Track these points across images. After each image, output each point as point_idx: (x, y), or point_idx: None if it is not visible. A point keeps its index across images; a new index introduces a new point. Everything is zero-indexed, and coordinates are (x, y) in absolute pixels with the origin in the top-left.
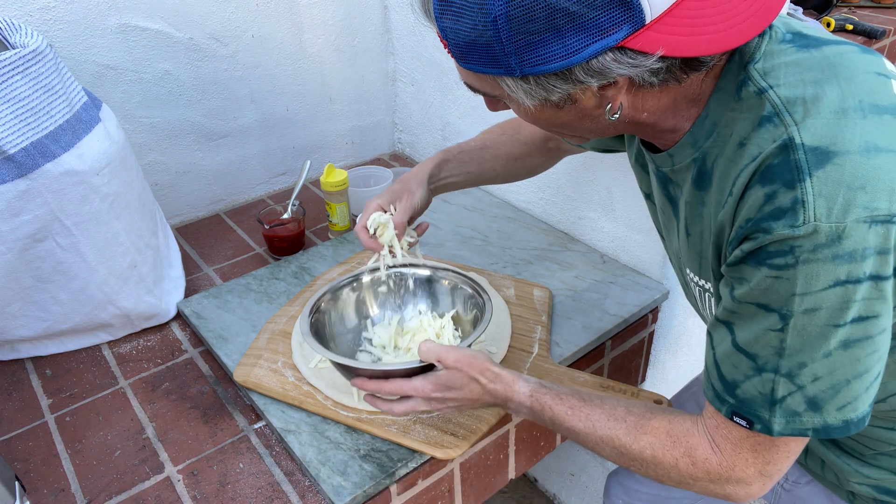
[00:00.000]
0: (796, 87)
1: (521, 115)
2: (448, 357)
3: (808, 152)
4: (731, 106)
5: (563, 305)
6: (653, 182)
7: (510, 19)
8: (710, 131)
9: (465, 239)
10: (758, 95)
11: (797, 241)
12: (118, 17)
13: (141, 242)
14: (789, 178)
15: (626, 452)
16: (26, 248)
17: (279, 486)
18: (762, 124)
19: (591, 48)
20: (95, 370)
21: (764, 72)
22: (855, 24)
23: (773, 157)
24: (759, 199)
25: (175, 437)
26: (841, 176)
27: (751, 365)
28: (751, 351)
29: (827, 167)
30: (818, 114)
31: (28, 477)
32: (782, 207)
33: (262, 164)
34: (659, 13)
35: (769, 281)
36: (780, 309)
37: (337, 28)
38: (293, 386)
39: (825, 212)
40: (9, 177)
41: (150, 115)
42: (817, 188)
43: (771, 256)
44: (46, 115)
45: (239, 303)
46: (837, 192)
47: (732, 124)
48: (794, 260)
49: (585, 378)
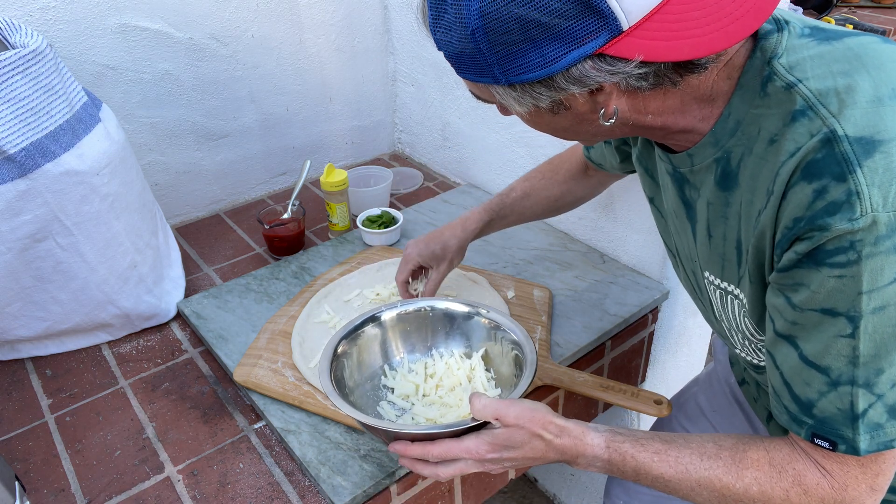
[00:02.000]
0: (826, 79)
1: (524, 121)
2: (508, 414)
3: (853, 143)
4: (756, 103)
5: (563, 305)
6: (665, 184)
7: (487, 32)
8: (733, 130)
9: None
10: (786, 90)
11: (857, 235)
12: (118, 17)
13: (141, 242)
14: (839, 171)
15: (730, 493)
16: (26, 248)
17: (279, 486)
18: (796, 119)
19: (568, 57)
20: (95, 370)
21: (790, 66)
22: (855, 24)
23: (816, 152)
24: (808, 195)
25: (175, 437)
26: (891, 163)
27: (824, 380)
28: (822, 364)
29: (875, 156)
30: (855, 104)
31: (28, 477)
32: (836, 202)
33: (262, 164)
34: (637, 20)
35: (832, 282)
36: (847, 312)
37: (337, 28)
38: (293, 386)
39: (881, 201)
40: (9, 177)
41: (150, 115)
42: (870, 178)
43: (831, 255)
44: (46, 115)
45: (239, 303)
46: (890, 180)
47: (759, 121)
48: (856, 256)
49: (585, 378)
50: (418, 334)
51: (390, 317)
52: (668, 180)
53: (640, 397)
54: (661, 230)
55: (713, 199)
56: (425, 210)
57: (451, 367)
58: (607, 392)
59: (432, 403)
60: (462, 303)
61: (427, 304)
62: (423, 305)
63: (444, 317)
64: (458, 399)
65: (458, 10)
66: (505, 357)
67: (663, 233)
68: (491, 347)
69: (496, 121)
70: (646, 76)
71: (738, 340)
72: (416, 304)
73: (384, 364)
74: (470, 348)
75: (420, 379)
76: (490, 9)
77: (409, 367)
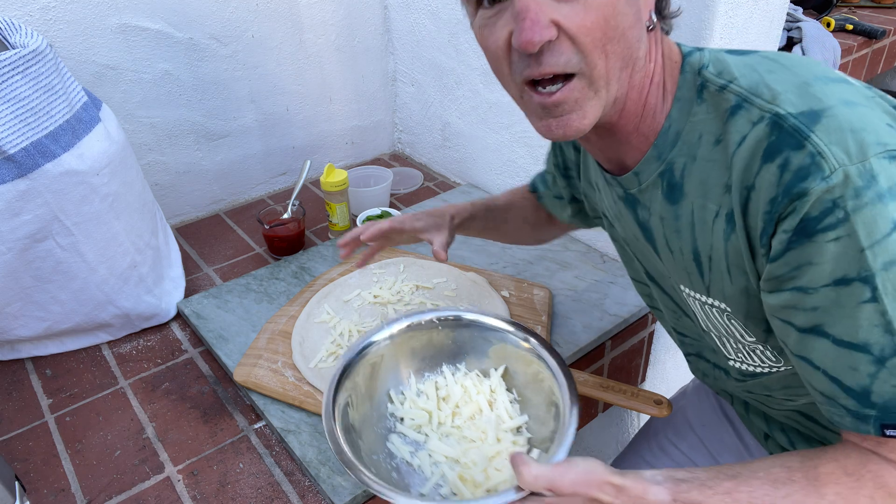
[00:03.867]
0: (752, 76)
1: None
2: (563, 483)
3: (797, 117)
4: (694, 111)
5: (563, 305)
6: (620, 212)
7: None
8: (674, 141)
9: (465, 239)
10: (720, 91)
11: (835, 192)
12: (118, 17)
13: (141, 242)
14: (795, 142)
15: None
16: (26, 248)
17: (279, 486)
18: (733, 114)
19: None
20: (95, 370)
21: (718, 72)
22: (855, 24)
23: (768, 137)
24: (774, 173)
25: (175, 437)
26: (839, 124)
27: (869, 359)
28: (859, 341)
29: (822, 121)
30: (786, 91)
31: (28, 477)
32: (803, 166)
33: (262, 164)
34: None
35: (831, 247)
36: (858, 274)
37: (337, 28)
38: (293, 386)
39: (845, 156)
40: (9, 177)
41: (150, 115)
42: (825, 139)
43: (819, 220)
44: (46, 115)
45: (239, 303)
46: (844, 136)
47: (698, 128)
48: (843, 213)
49: (585, 378)
50: (425, 350)
51: (390, 334)
52: (621, 207)
53: (640, 397)
54: (625, 262)
55: (664, 213)
56: None
57: (469, 389)
58: (607, 392)
59: (449, 435)
60: (473, 311)
61: (434, 314)
62: (429, 317)
63: (453, 327)
64: (481, 432)
65: None
66: (527, 372)
67: (628, 263)
68: (511, 363)
69: (496, 121)
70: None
71: (731, 347)
72: (420, 315)
73: (389, 389)
74: (485, 363)
75: (432, 404)
76: None
77: (418, 388)
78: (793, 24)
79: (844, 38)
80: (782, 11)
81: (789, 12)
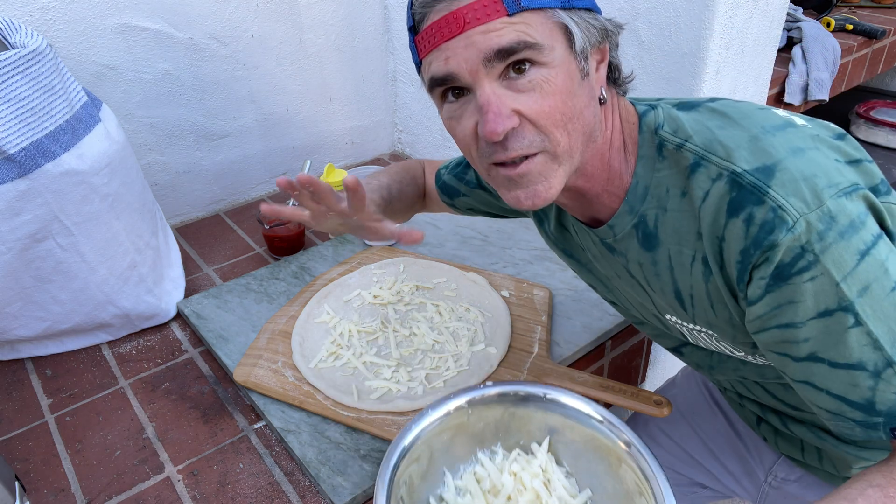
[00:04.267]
0: (705, 134)
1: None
2: None
3: (753, 174)
4: (658, 167)
5: (563, 305)
6: (596, 253)
7: None
8: (643, 195)
9: (465, 239)
10: (678, 150)
11: (801, 240)
12: (118, 17)
13: (141, 242)
14: (755, 198)
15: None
16: (26, 248)
17: (279, 486)
18: (693, 171)
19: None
20: (95, 370)
21: (673, 131)
22: (855, 24)
23: (729, 193)
24: (740, 227)
25: (175, 437)
26: (792, 175)
27: (866, 374)
28: (854, 361)
29: (776, 175)
30: (739, 147)
31: (28, 477)
32: (767, 220)
33: (262, 164)
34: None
35: (808, 286)
36: (839, 305)
37: (337, 28)
38: (293, 386)
39: (803, 204)
40: (9, 177)
41: (150, 115)
42: (782, 192)
43: (791, 266)
44: (46, 115)
45: (239, 303)
46: (799, 186)
47: (664, 182)
48: (812, 256)
49: (585, 378)
50: (455, 440)
51: (426, 432)
52: (600, 249)
53: (640, 397)
54: (600, 292)
55: (642, 260)
56: None
57: (521, 477)
58: (607, 392)
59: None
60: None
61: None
62: (456, 404)
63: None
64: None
65: None
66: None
67: (605, 293)
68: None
69: None
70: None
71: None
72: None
73: (428, 495)
74: (522, 438)
75: (480, 502)
76: None
77: (456, 485)
78: (793, 24)
79: (844, 38)
80: (782, 11)
81: (789, 12)
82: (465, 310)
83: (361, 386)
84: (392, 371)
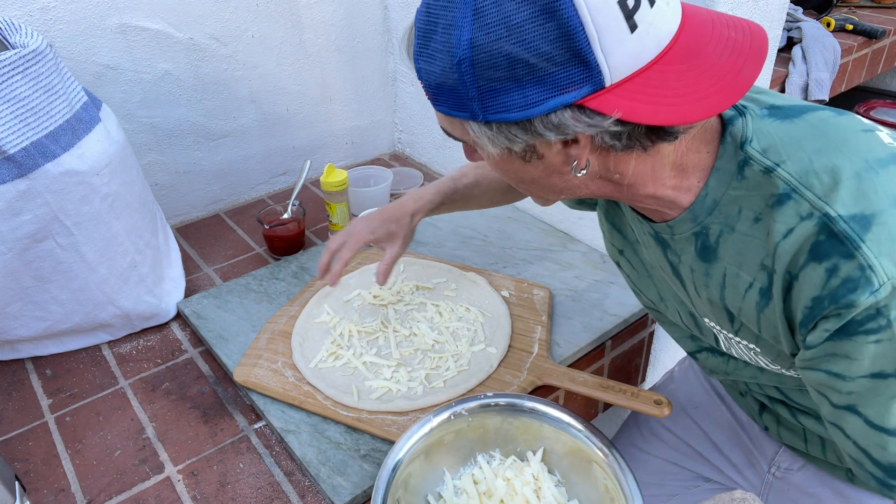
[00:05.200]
0: (802, 160)
1: (492, 166)
2: None
3: (848, 222)
4: (734, 185)
5: (563, 305)
6: (646, 241)
7: (473, 64)
8: (710, 209)
9: (465, 239)
10: (765, 174)
11: (881, 303)
12: (118, 17)
13: (141, 242)
14: (844, 250)
15: None
16: (26, 248)
17: (279, 486)
18: (782, 202)
19: (549, 102)
20: (95, 370)
21: (763, 150)
22: (855, 24)
23: (816, 235)
24: (821, 275)
25: (175, 437)
26: (891, 231)
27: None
28: (890, 427)
29: (873, 229)
30: (839, 185)
31: (28, 477)
32: (852, 278)
33: (262, 164)
34: (620, 78)
35: (871, 347)
36: (895, 372)
37: (337, 28)
38: (293, 386)
39: (894, 268)
40: (9, 177)
41: (150, 115)
42: (875, 250)
43: (861, 324)
44: (46, 115)
45: (239, 303)
46: (894, 247)
47: (738, 202)
48: (886, 321)
49: (585, 378)
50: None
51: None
52: (648, 239)
53: (640, 397)
54: (634, 279)
55: (695, 266)
56: None
57: (514, 483)
58: (607, 392)
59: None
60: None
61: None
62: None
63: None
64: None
65: (447, 38)
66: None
67: (639, 281)
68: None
69: None
70: (620, 135)
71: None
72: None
73: (427, 495)
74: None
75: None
76: (481, 41)
77: (455, 485)
78: (793, 24)
79: (844, 38)
80: (782, 11)
81: (789, 12)
82: (465, 310)
83: (361, 386)
84: (392, 371)
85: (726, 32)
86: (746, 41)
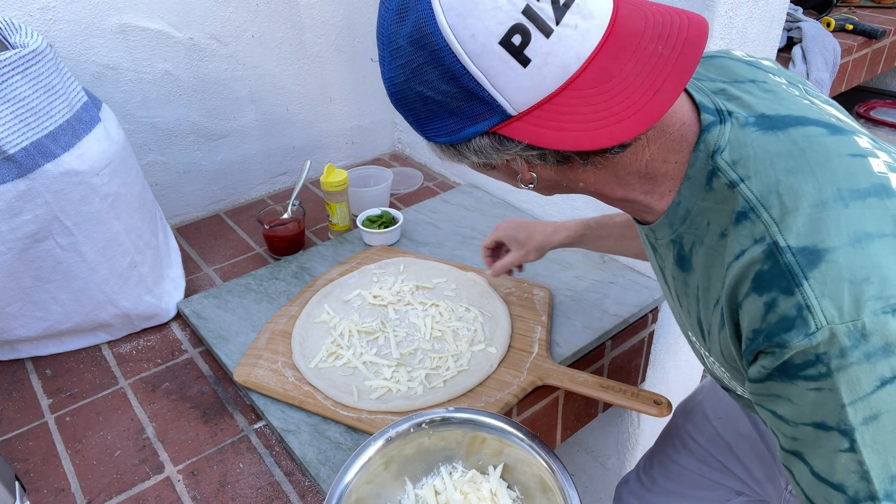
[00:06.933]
0: (768, 179)
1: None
2: None
3: (796, 254)
4: (703, 196)
5: (563, 305)
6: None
7: (398, 99)
8: (683, 217)
9: (465, 239)
10: (730, 188)
11: (819, 349)
12: (118, 17)
13: (141, 242)
14: (785, 285)
15: None
16: (26, 248)
17: (279, 486)
18: (739, 220)
19: (466, 131)
20: (95, 370)
21: (733, 162)
22: (855, 24)
23: (761, 263)
24: (760, 308)
25: (175, 437)
26: (839, 272)
27: (843, 498)
28: (835, 481)
29: (821, 266)
30: (797, 210)
31: (28, 477)
32: (788, 316)
33: (262, 164)
34: (527, 107)
35: (811, 395)
36: (837, 425)
37: (337, 28)
38: (293, 386)
39: (836, 312)
40: (9, 177)
41: (150, 115)
42: (818, 290)
43: (800, 369)
44: (46, 115)
45: (239, 303)
46: (840, 289)
47: (707, 213)
48: (825, 369)
49: (585, 378)
50: (419, 455)
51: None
52: (644, 240)
53: (639, 397)
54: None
55: (675, 275)
56: (425, 210)
57: (470, 497)
58: (607, 392)
59: None
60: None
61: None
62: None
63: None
64: None
65: (382, 71)
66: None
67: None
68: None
69: None
70: (544, 156)
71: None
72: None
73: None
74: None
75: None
76: (398, 79)
77: (416, 494)
78: (793, 24)
79: (844, 38)
80: (782, 11)
81: (789, 12)
82: (465, 310)
83: (361, 386)
84: (392, 371)
85: (651, 47)
86: (673, 56)
